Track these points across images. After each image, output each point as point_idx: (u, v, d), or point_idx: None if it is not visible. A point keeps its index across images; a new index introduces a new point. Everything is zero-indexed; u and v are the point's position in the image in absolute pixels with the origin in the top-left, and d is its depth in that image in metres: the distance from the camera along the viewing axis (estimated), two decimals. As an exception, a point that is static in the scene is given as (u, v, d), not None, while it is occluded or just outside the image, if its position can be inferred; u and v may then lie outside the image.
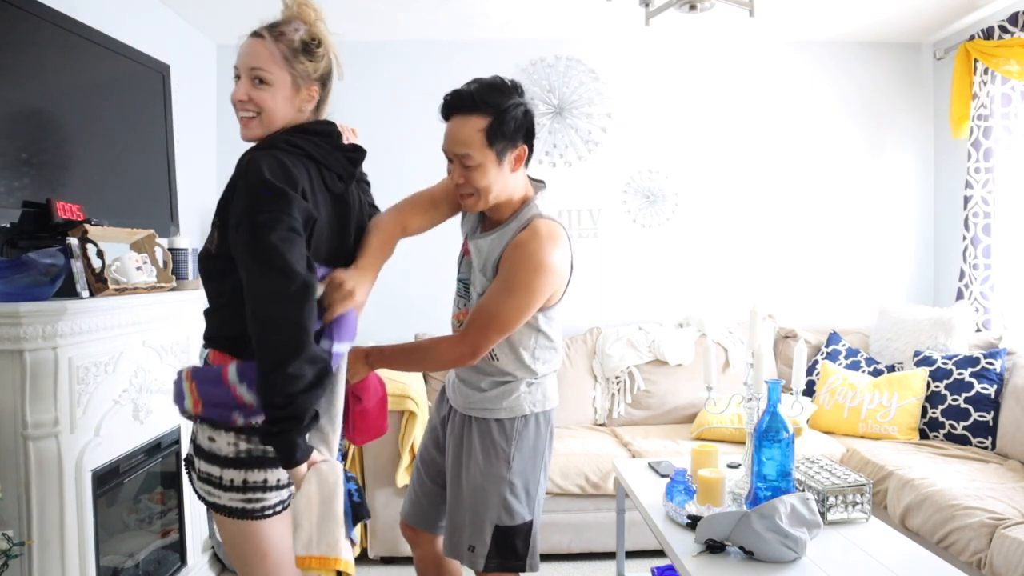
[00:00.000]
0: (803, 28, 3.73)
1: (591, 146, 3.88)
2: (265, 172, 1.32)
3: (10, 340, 1.77)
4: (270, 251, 1.27)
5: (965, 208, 3.52)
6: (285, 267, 1.27)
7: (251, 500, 1.41)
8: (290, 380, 1.26)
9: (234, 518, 1.43)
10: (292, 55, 1.43)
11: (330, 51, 1.51)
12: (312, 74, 1.47)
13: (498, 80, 1.64)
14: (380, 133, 3.79)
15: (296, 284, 1.28)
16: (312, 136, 1.46)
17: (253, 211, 1.30)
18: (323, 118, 1.55)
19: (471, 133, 1.59)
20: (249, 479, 1.40)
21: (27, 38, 2.17)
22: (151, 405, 2.36)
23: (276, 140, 1.43)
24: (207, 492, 1.43)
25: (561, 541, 2.98)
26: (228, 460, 1.40)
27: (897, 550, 1.76)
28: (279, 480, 1.43)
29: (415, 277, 3.84)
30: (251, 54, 1.42)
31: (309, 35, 1.46)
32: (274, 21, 1.46)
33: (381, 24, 3.57)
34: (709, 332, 3.65)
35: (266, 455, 1.40)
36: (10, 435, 1.81)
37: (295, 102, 1.46)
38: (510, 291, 1.64)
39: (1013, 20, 3.19)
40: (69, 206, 2.15)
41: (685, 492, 1.95)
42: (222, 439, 1.39)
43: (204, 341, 1.48)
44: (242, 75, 1.43)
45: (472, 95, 1.59)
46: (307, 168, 1.41)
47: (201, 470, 1.43)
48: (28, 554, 1.81)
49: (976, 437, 2.98)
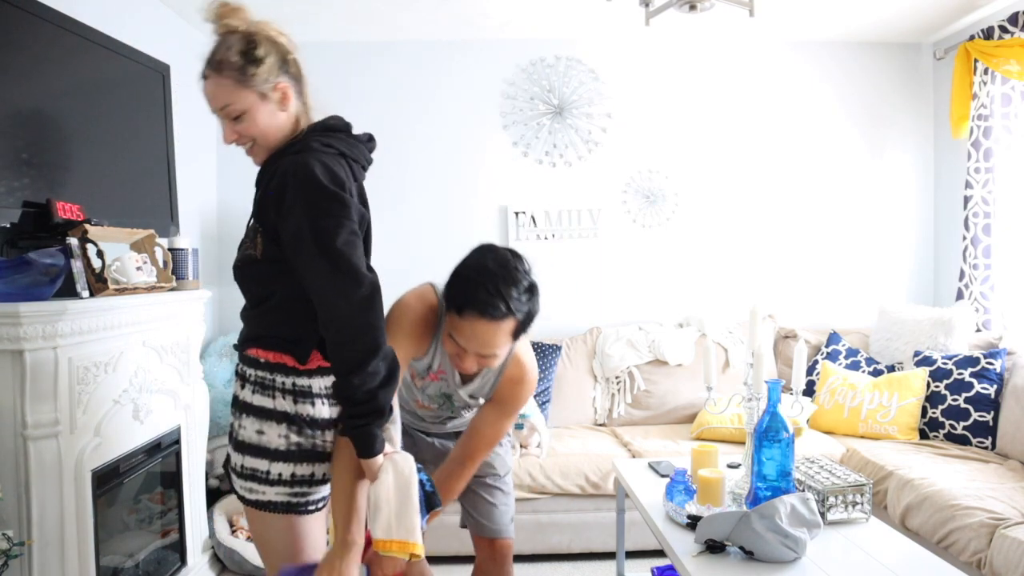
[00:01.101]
0: (803, 28, 3.73)
1: (591, 146, 3.88)
2: (319, 176, 1.34)
3: (10, 340, 1.77)
4: (337, 257, 1.32)
5: (965, 208, 3.52)
6: (352, 271, 1.32)
7: (297, 494, 1.44)
8: (369, 378, 1.33)
9: (278, 513, 1.44)
10: (241, 74, 1.40)
11: (269, 37, 1.46)
12: (268, 74, 1.43)
13: (514, 270, 1.60)
14: (380, 133, 3.77)
15: (365, 287, 1.33)
16: (338, 132, 1.49)
17: (313, 218, 1.33)
18: (310, 102, 1.54)
19: (504, 337, 1.59)
20: (297, 472, 1.43)
21: (27, 38, 2.17)
22: (151, 405, 2.36)
23: (309, 142, 1.43)
24: (248, 489, 1.44)
25: (561, 541, 2.98)
26: (279, 453, 1.42)
27: (897, 550, 1.76)
28: (324, 474, 1.46)
29: (415, 277, 3.84)
30: (211, 97, 1.44)
31: (243, 42, 1.42)
32: (211, 49, 1.43)
33: (381, 24, 3.58)
34: (709, 332, 3.65)
35: (315, 449, 1.44)
36: (10, 435, 1.81)
37: (274, 109, 1.45)
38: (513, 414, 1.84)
39: (1013, 20, 3.19)
40: (69, 206, 2.15)
41: (685, 492, 1.95)
42: (272, 431, 1.42)
43: (246, 342, 1.48)
44: (217, 117, 1.45)
45: (511, 307, 1.56)
46: (343, 165, 1.44)
47: (245, 466, 1.43)
48: (28, 554, 1.81)
49: (976, 437, 2.98)
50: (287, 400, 1.42)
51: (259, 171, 1.49)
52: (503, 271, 1.57)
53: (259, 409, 1.43)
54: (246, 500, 1.46)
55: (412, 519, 1.41)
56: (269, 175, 1.42)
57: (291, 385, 1.42)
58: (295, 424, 1.42)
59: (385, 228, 3.79)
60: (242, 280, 1.49)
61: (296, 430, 1.42)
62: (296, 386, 1.42)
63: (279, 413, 1.42)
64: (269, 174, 1.43)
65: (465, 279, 1.58)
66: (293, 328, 1.42)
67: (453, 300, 1.58)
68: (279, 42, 1.47)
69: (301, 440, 1.42)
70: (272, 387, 1.42)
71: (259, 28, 1.45)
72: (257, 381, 1.44)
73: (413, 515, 1.41)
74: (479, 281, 1.55)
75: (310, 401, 1.43)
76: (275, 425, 1.42)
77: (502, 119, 3.85)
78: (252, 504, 1.45)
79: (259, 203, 1.44)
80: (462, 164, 3.86)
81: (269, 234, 1.40)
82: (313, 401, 1.43)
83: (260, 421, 1.42)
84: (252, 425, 1.43)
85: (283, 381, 1.42)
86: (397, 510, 1.40)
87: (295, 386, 1.42)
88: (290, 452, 1.42)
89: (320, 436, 1.44)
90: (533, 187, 3.88)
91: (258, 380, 1.44)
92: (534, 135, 3.86)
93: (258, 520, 1.47)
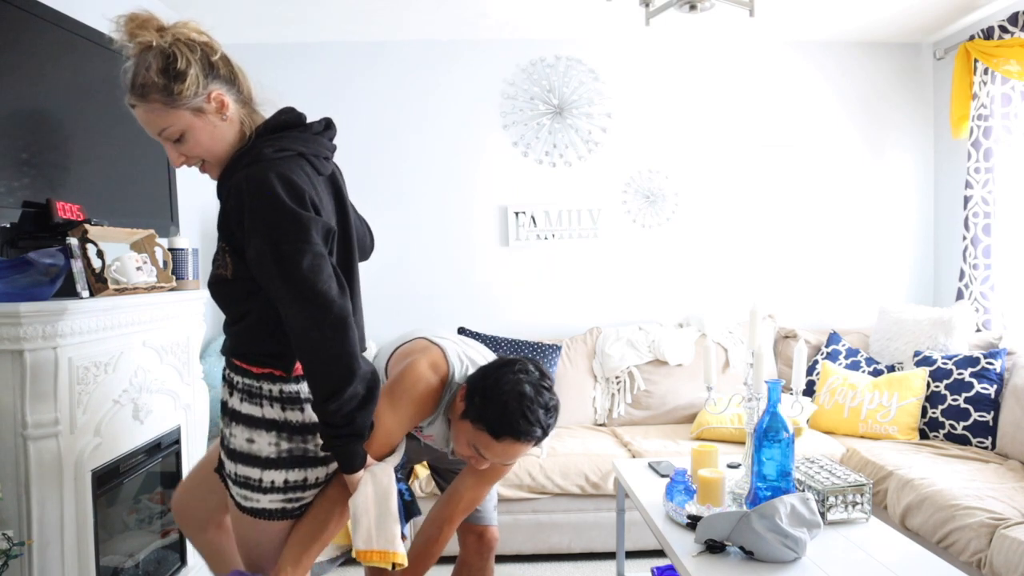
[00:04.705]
0: (803, 28, 3.73)
1: (591, 146, 3.88)
2: (278, 193, 1.28)
3: (10, 340, 1.77)
4: (302, 283, 1.28)
5: (965, 208, 3.52)
6: (319, 297, 1.28)
7: (291, 500, 1.44)
8: (346, 403, 1.32)
9: (275, 520, 1.45)
10: (167, 95, 1.31)
11: (187, 43, 1.33)
12: (195, 87, 1.33)
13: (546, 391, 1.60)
14: (380, 133, 3.79)
15: (334, 312, 1.30)
16: (289, 131, 1.41)
17: (275, 243, 1.28)
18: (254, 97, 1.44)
19: (526, 450, 1.61)
20: (290, 479, 1.43)
21: (27, 38, 2.17)
22: (151, 405, 2.36)
23: (261, 150, 1.36)
24: (244, 497, 1.44)
25: (561, 541, 2.98)
26: (269, 461, 1.41)
27: (897, 550, 1.76)
28: (318, 478, 1.46)
29: (415, 277, 3.85)
30: (146, 124, 1.37)
31: (160, 59, 1.31)
32: (130, 74, 1.33)
33: (381, 24, 3.57)
34: (709, 332, 3.65)
35: (306, 455, 1.43)
36: (10, 435, 1.81)
37: (214, 121, 1.37)
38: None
39: (1013, 20, 3.19)
40: (69, 206, 2.15)
41: (685, 492, 1.95)
42: (262, 439, 1.41)
43: (231, 354, 1.46)
44: (161, 142, 1.40)
45: (547, 432, 1.59)
46: (302, 168, 1.37)
47: (239, 474, 1.43)
48: (28, 554, 1.81)
49: (976, 437, 2.97)
50: (275, 408, 1.41)
51: (216, 185, 1.43)
52: (538, 396, 1.57)
53: (248, 418, 1.42)
54: (242, 507, 1.45)
55: (392, 528, 1.42)
56: (226, 192, 1.37)
57: (279, 392, 1.41)
58: (284, 431, 1.41)
59: (385, 228, 3.80)
60: (217, 298, 1.45)
61: (286, 437, 1.42)
62: (284, 393, 1.42)
63: (268, 421, 1.41)
64: (226, 191, 1.37)
65: (503, 406, 1.53)
66: (274, 345, 1.39)
67: (486, 422, 1.55)
68: (199, 44, 1.35)
69: (291, 446, 1.42)
70: (260, 395, 1.41)
71: (174, 35, 1.33)
72: (245, 389, 1.43)
73: (392, 524, 1.42)
74: (519, 410, 1.53)
75: (299, 407, 1.42)
76: (264, 433, 1.41)
77: (502, 119, 3.85)
78: (248, 512, 1.44)
79: (221, 222, 1.39)
80: (462, 164, 3.86)
81: (237, 252, 1.36)
82: (302, 407, 1.43)
83: (250, 430, 1.41)
84: (242, 434, 1.42)
85: (270, 389, 1.41)
86: (377, 520, 1.40)
87: (283, 393, 1.42)
88: (281, 459, 1.41)
89: (312, 441, 1.44)
90: (533, 187, 3.88)
91: (246, 388, 1.43)
92: (534, 135, 3.86)
93: (250, 525, 1.47)
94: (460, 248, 3.87)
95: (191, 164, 1.42)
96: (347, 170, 4.26)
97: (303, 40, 3.75)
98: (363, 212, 1.79)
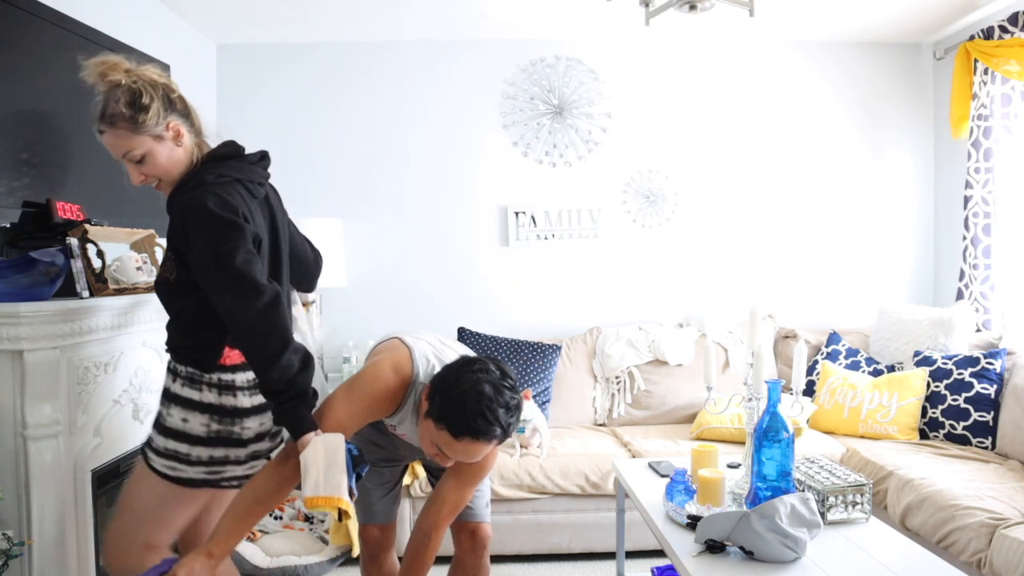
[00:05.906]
0: (803, 28, 3.73)
1: (591, 146, 3.88)
2: (214, 209, 1.52)
3: (10, 340, 1.77)
4: (238, 274, 1.50)
5: (965, 208, 3.52)
6: (252, 283, 1.51)
7: (213, 472, 1.66)
8: (285, 369, 1.50)
9: (195, 487, 1.66)
10: (132, 123, 1.56)
11: (151, 82, 1.59)
12: (157, 117, 1.58)
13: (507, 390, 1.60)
14: (380, 133, 3.79)
15: (266, 295, 1.51)
16: (228, 160, 1.66)
17: (214, 245, 1.51)
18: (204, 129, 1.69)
19: (490, 448, 1.64)
20: (215, 455, 1.64)
21: (27, 38, 2.17)
22: (151, 405, 2.35)
23: (203, 176, 1.60)
24: (171, 467, 1.63)
25: (561, 541, 2.98)
26: (199, 439, 1.63)
27: (897, 550, 1.76)
28: (237, 457, 1.67)
29: (415, 277, 3.85)
30: (112, 147, 1.61)
31: (128, 94, 1.56)
32: (100, 106, 1.58)
33: (381, 24, 3.58)
34: (709, 332, 3.65)
35: (231, 436, 1.65)
36: (10, 435, 1.81)
37: (171, 146, 1.62)
38: None
39: (1013, 20, 3.19)
40: (69, 206, 2.15)
41: (685, 492, 1.95)
42: (196, 420, 1.63)
43: (171, 352, 1.69)
44: (123, 163, 1.62)
45: (507, 431, 1.60)
46: (237, 191, 1.60)
47: (168, 448, 1.64)
48: (28, 554, 1.81)
49: (976, 437, 2.98)
50: (212, 392, 1.64)
51: (167, 202, 1.66)
52: (498, 395, 1.57)
53: (186, 400, 1.64)
54: (167, 476, 1.64)
55: (338, 477, 1.50)
56: (174, 210, 1.61)
57: (216, 380, 1.64)
58: (217, 414, 1.64)
59: (385, 228, 3.80)
60: (160, 296, 1.69)
61: (217, 419, 1.64)
62: (221, 380, 1.65)
63: (204, 404, 1.64)
64: (174, 209, 1.61)
65: (461, 405, 1.55)
66: (202, 339, 1.63)
67: (446, 421, 1.56)
68: (160, 85, 1.62)
69: (220, 428, 1.64)
70: (200, 381, 1.64)
71: (139, 76, 1.60)
72: (187, 376, 1.65)
73: (339, 474, 1.51)
74: (477, 409, 1.54)
75: (232, 393, 1.65)
76: (199, 415, 1.63)
77: (502, 119, 3.85)
78: (173, 480, 1.64)
79: (170, 234, 1.62)
80: (462, 164, 3.86)
81: (180, 260, 1.60)
82: (235, 393, 1.66)
83: (186, 411, 1.64)
84: (179, 414, 1.64)
85: (210, 377, 1.64)
86: (325, 470, 1.50)
87: (220, 380, 1.65)
88: (209, 438, 1.64)
89: (239, 424, 1.66)
90: (533, 187, 3.88)
91: (188, 375, 1.65)
92: (534, 135, 3.86)
93: (149, 488, 1.65)
94: (460, 248, 3.87)
95: (149, 182, 1.65)
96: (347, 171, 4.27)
97: (303, 40, 3.75)
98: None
